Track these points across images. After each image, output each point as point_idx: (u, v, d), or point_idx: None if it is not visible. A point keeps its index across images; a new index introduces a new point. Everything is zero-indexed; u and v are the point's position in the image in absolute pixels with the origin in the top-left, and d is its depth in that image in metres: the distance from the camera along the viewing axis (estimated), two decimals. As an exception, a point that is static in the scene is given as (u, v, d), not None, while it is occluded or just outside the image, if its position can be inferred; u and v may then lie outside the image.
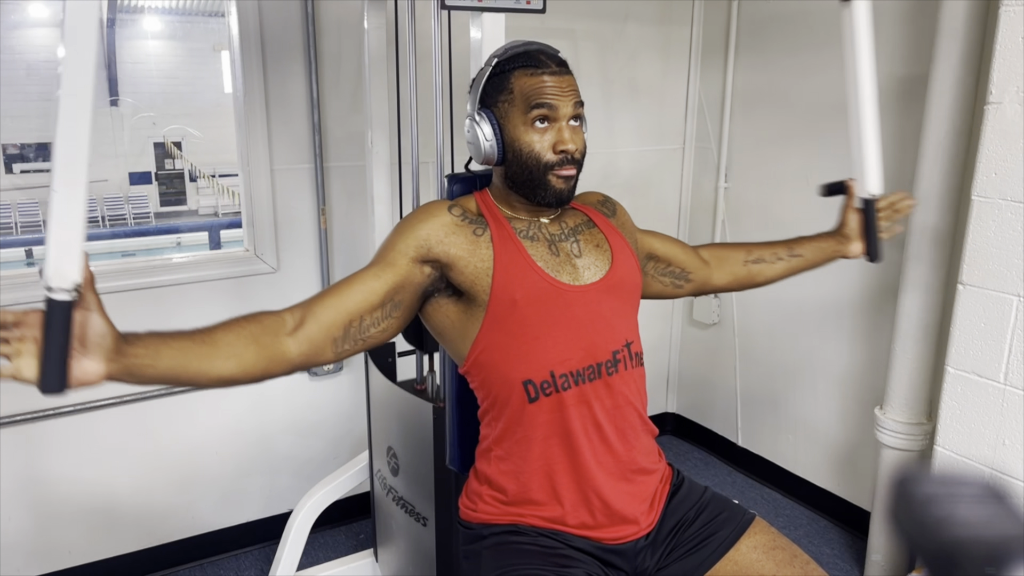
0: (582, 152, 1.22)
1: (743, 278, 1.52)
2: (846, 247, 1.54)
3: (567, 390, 1.18)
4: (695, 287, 1.48)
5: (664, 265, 1.43)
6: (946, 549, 0.43)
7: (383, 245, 1.21)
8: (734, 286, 1.54)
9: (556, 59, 1.22)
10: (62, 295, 0.82)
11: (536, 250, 1.22)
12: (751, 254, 1.51)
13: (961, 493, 0.46)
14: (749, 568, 1.23)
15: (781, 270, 1.53)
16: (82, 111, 0.83)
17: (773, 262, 1.52)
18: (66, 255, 0.83)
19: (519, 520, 1.22)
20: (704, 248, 1.52)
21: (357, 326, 1.13)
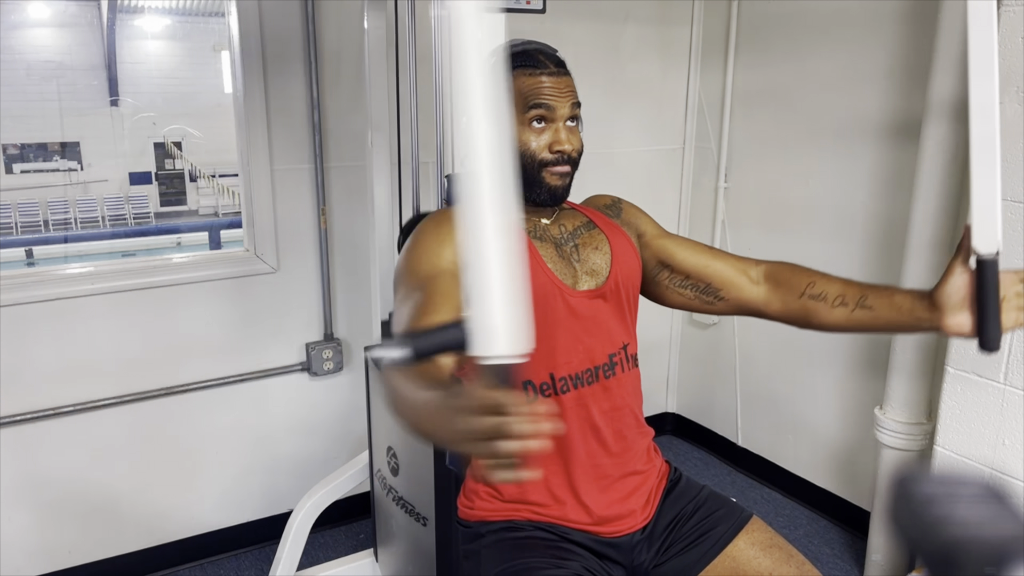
0: (578, 152, 1.22)
1: (796, 312, 1.28)
2: (942, 317, 1.10)
3: (565, 393, 1.19)
4: (732, 307, 1.31)
5: (682, 277, 1.32)
6: (946, 549, 0.43)
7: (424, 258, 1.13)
8: (787, 318, 1.30)
9: (554, 59, 1.22)
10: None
11: (546, 251, 1.22)
12: (814, 286, 1.25)
13: (961, 493, 0.46)
14: (746, 565, 1.23)
15: (839, 319, 1.23)
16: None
17: (833, 305, 1.23)
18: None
19: (516, 515, 1.23)
20: (765, 264, 1.31)
21: None
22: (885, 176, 2.24)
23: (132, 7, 12.88)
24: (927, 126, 1.97)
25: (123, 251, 11.42)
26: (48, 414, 2.03)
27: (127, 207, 12.94)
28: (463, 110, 0.67)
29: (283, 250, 2.26)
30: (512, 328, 0.66)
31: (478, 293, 0.67)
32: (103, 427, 2.11)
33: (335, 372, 2.39)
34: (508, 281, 0.67)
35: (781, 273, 1.28)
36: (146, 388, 2.14)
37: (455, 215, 1.22)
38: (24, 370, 1.98)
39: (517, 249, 0.67)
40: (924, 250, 2.03)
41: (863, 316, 1.20)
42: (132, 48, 13.25)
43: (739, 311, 1.31)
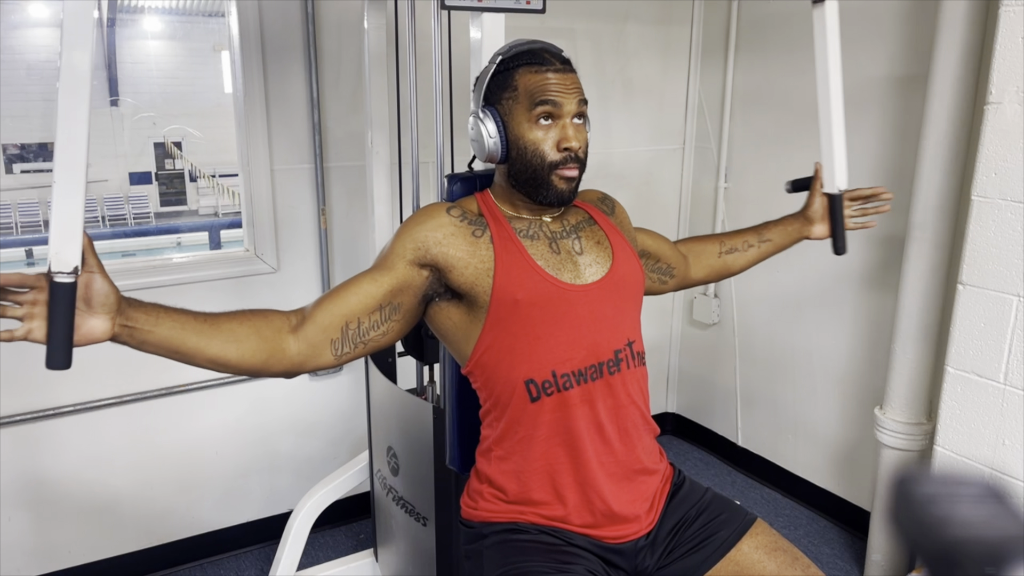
0: (585, 151, 1.22)
1: (719, 269, 1.57)
2: (809, 228, 1.62)
3: (569, 389, 1.18)
4: (677, 282, 1.51)
5: (654, 262, 1.46)
6: (946, 549, 0.43)
7: (383, 250, 1.21)
8: (711, 278, 1.59)
9: (560, 57, 1.22)
10: (64, 278, 0.90)
11: (536, 249, 1.21)
12: (724, 245, 1.56)
13: (961, 493, 0.46)
14: (750, 569, 1.23)
15: (753, 257, 1.59)
16: (80, 107, 0.89)
17: (745, 250, 1.58)
18: (67, 241, 0.90)
19: (520, 518, 1.23)
20: (681, 243, 1.55)
21: (355, 329, 1.14)
22: (885, 176, 2.24)
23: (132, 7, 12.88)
24: (927, 126, 1.97)
25: (123, 251, 11.41)
26: (48, 414, 2.03)
27: (127, 207, 12.93)
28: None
29: (283, 250, 2.26)
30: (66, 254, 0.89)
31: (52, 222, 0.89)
32: (103, 427, 2.11)
33: (335, 373, 2.39)
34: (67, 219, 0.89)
35: (696, 244, 1.56)
36: (146, 388, 2.14)
37: (439, 211, 1.23)
38: (24, 370, 1.98)
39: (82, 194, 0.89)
40: (923, 247, 2.03)
41: (767, 247, 1.60)
42: (132, 48, 13.24)
43: (680, 286, 1.54)
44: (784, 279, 2.59)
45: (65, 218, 0.90)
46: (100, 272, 0.94)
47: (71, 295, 0.90)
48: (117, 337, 0.97)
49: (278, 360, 1.08)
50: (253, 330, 1.06)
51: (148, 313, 0.98)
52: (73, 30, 0.88)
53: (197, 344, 1.01)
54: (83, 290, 0.93)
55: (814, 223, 1.62)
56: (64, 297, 0.90)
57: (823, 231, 1.62)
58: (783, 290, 2.64)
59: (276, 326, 1.09)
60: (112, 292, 0.95)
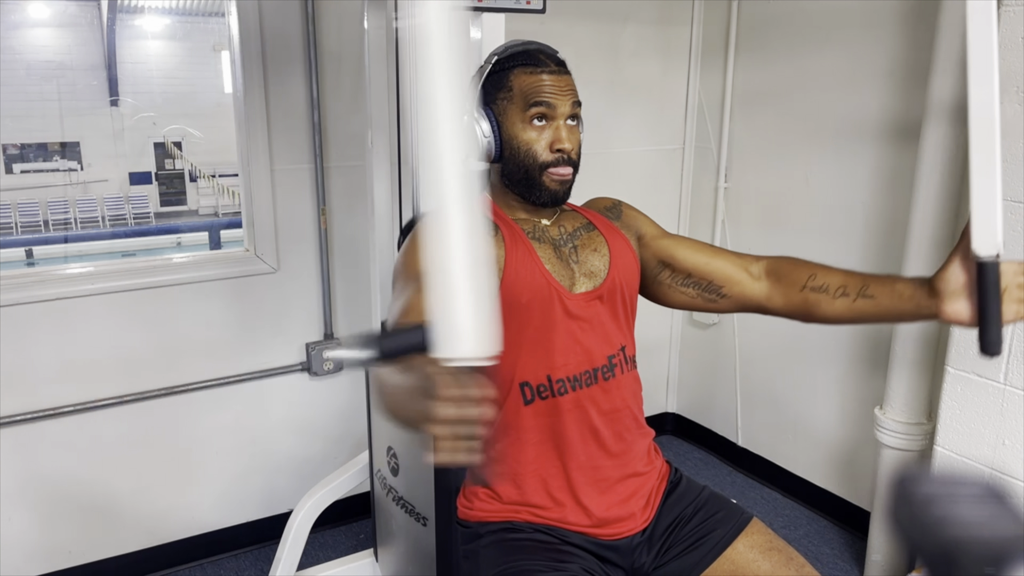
0: (578, 152, 1.22)
1: (798, 306, 1.25)
2: (939, 304, 1.10)
3: (563, 395, 1.19)
4: (735, 304, 1.30)
5: (684, 276, 1.31)
6: (946, 549, 0.43)
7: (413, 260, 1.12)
8: (789, 313, 1.28)
9: (555, 59, 1.23)
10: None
11: (544, 252, 1.22)
12: (815, 278, 1.24)
13: (961, 493, 0.46)
14: (746, 568, 1.23)
15: (841, 310, 1.21)
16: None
17: (835, 296, 1.21)
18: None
19: (515, 517, 1.23)
20: (765, 260, 1.30)
21: None
22: (885, 176, 2.24)
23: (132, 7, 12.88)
24: (927, 126, 1.97)
25: (123, 251, 11.41)
26: (48, 414, 2.03)
27: (127, 207, 12.94)
28: (428, 114, 0.67)
29: (283, 250, 2.26)
30: (477, 331, 0.68)
31: (443, 295, 0.68)
32: (103, 427, 2.11)
33: (335, 372, 2.39)
34: (474, 284, 0.68)
35: (782, 267, 1.27)
36: (146, 388, 2.14)
37: None
38: (24, 370, 1.98)
39: (485, 252, 0.68)
40: (924, 249, 2.03)
41: (865, 305, 1.19)
42: (132, 48, 13.24)
43: (741, 308, 1.30)
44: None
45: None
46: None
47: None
48: None
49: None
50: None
51: None
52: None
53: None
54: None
55: (947, 297, 1.09)
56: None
57: (962, 311, 1.08)
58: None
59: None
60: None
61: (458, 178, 0.68)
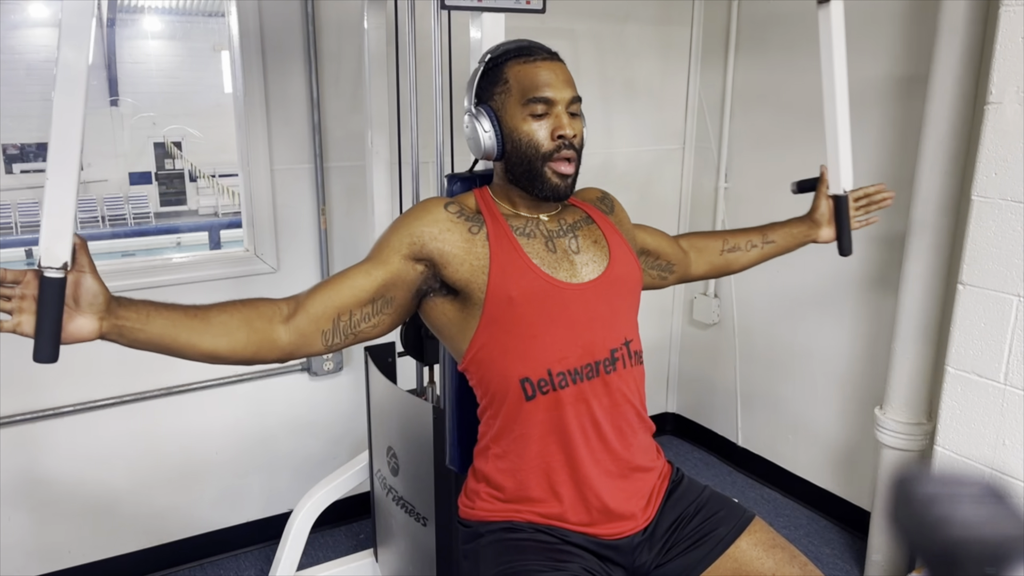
0: (581, 140, 1.22)
1: (720, 266, 1.58)
2: (815, 232, 1.63)
3: (564, 388, 1.18)
4: (677, 278, 1.52)
5: (653, 259, 1.46)
6: (946, 549, 0.43)
7: (378, 241, 1.21)
8: (712, 274, 1.60)
9: (547, 50, 1.24)
10: (53, 273, 0.90)
11: (532, 247, 1.21)
12: (727, 243, 1.57)
13: (961, 493, 0.46)
14: (748, 566, 1.23)
15: (755, 256, 1.60)
16: (75, 105, 0.90)
17: (747, 250, 1.59)
18: (57, 237, 0.90)
19: (516, 516, 1.23)
20: (683, 238, 1.56)
21: (347, 320, 1.14)
22: (885, 176, 2.24)
23: (132, 7, 12.88)
24: (927, 126, 1.97)
25: (123, 251, 11.41)
26: (48, 414, 2.03)
27: (127, 207, 12.93)
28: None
29: (283, 250, 2.26)
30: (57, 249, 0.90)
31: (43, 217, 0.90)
32: (103, 427, 2.11)
33: (335, 372, 2.39)
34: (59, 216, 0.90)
35: (698, 240, 1.57)
36: (146, 388, 2.14)
37: (436, 206, 1.23)
38: (24, 370, 1.98)
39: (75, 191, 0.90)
40: (923, 248, 2.03)
41: (770, 248, 1.61)
42: (132, 48, 13.24)
43: (680, 281, 1.54)
44: (784, 279, 2.59)
45: (56, 214, 0.91)
46: (91, 272, 0.94)
47: (60, 290, 0.91)
48: (106, 336, 0.97)
49: (268, 350, 1.09)
50: (244, 321, 1.06)
51: (139, 311, 0.98)
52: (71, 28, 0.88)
53: (189, 339, 1.02)
54: (72, 289, 0.93)
55: (820, 226, 1.63)
56: (53, 292, 0.91)
57: (829, 234, 1.63)
58: (783, 290, 2.63)
59: (267, 316, 1.09)
60: (101, 292, 0.95)
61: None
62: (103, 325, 0.96)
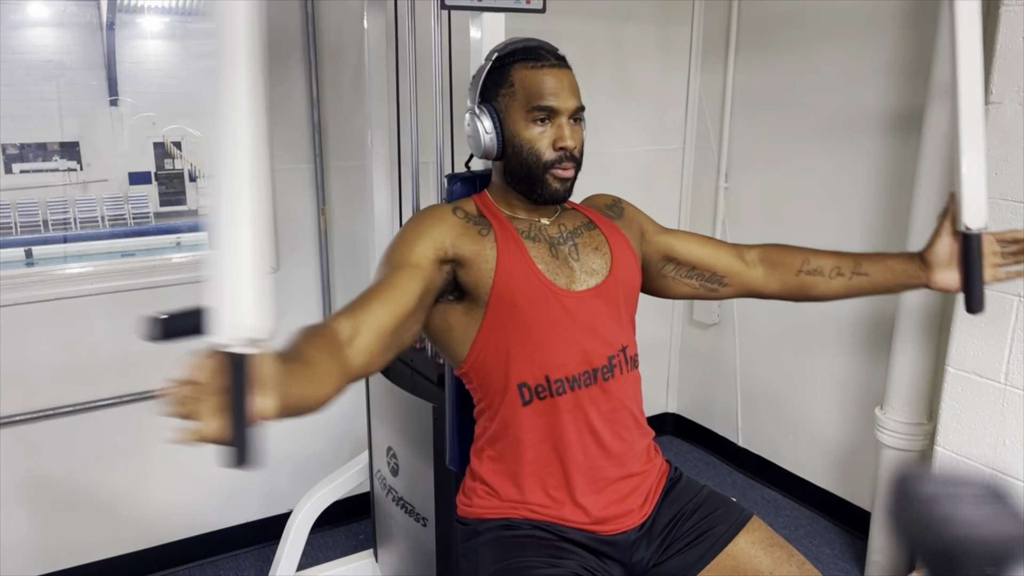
0: (580, 150, 1.22)
1: (795, 289, 1.36)
2: (930, 275, 1.29)
3: (562, 395, 1.18)
4: (735, 291, 1.39)
5: (688, 268, 1.37)
6: (946, 549, 0.43)
7: (398, 249, 1.16)
8: (786, 295, 1.39)
9: (555, 54, 1.23)
10: (244, 347, 0.72)
11: (538, 252, 1.21)
12: (808, 263, 1.35)
13: (961, 493, 0.46)
14: (747, 564, 1.23)
15: (839, 288, 1.34)
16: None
17: (831, 277, 1.34)
18: (247, 302, 0.74)
19: (513, 514, 1.23)
20: (756, 249, 1.40)
21: (400, 332, 1.07)
22: (886, 175, 2.24)
23: (132, 7, 12.90)
24: (928, 126, 1.97)
25: (123, 251, 11.39)
26: (48, 414, 2.03)
27: (127, 207, 12.94)
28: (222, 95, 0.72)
29: (283, 250, 2.26)
30: (247, 318, 0.72)
31: (216, 279, 0.73)
32: (103, 427, 2.11)
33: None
34: (248, 270, 0.76)
35: (775, 254, 1.39)
36: (146, 388, 2.14)
37: (445, 210, 1.23)
38: (24, 370, 1.98)
39: (264, 241, 0.76)
40: (926, 239, 2.02)
41: (860, 282, 1.33)
42: (132, 48, 13.25)
43: (741, 294, 1.39)
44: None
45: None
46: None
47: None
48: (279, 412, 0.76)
49: (347, 380, 0.96)
50: (331, 356, 0.93)
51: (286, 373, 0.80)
52: None
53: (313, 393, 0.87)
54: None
55: (937, 268, 1.29)
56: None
57: (951, 281, 1.28)
58: (783, 290, 2.63)
59: (337, 343, 0.96)
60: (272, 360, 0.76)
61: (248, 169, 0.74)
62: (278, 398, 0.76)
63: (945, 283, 1.29)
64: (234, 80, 0.72)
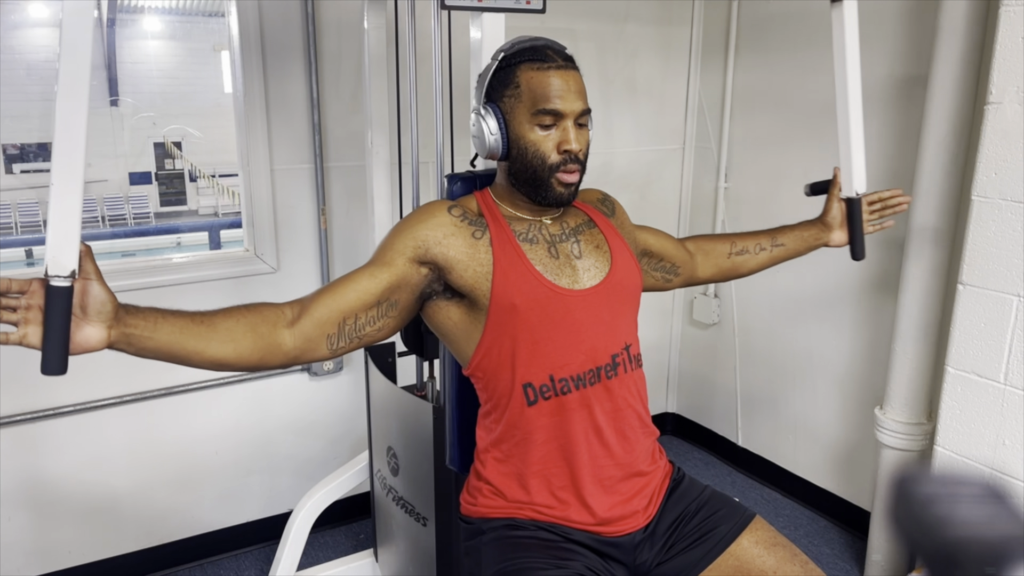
0: (585, 153, 1.22)
1: (727, 270, 1.56)
2: (827, 235, 1.60)
3: (567, 394, 1.18)
4: (683, 280, 1.51)
5: (656, 260, 1.45)
6: (946, 549, 0.43)
7: (382, 244, 1.21)
8: (718, 277, 1.57)
9: (563, 54, 1.21)
10: (60, 281, 0.88)
11: (535, 253, 1.21)
12: (735, 246, 1.54)
13: (961, 493, 0.46)
14: (750, 563, 1.23)
15: (764, 260, 1.57)
16: (78, 109, 0.88)
17: (756, 253, 1.56)
18: (64, 244, 0.88)
19: (518, 514, 1.23)
20: (689, 240, 1.54)
21: (352, 324, 1.14)
22: (885, 174, 2.24)
23: (132, 7, 12.87)
24: (927, 126, 1.97)
25: (123, 251, 11.40)
26: (48, 414, 2.03)
27: (127, 207, 12.92)
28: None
29: (283, 250, 2.26)
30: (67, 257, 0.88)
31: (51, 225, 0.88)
32: (103, 427, 2.11)
33: (335, 372, 2.39)
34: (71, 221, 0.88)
35: (706, 244, 1.54)
36: (146, 388, 2.14)
37: (440, 209, 1.22)
38: (24, 370, 1.98)
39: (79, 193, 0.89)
40: (923, 248, 2.03)
41: (779, 252, 1.58)
42: (132, 48, 13.23)
43: (686, 283, 1.53)
44: (784, 279, 2.59)
45: (62, 221, 0.89)
46: (98, 279, 0.92)
47: (67, 299, 0.89)
48: (114, 345, 0.95)
49: (273, 356, 1.08)
50: (249, 327, 1.05)
51: (146, 319, 0.97)
52: (72, 31, 0.87)
53: (196, 347, 1.01)
54: (79, 297, 0.91)
55: (832, 229, 1.61)
56: (60, 301, 0.88)
57: (842, 238, 1.61)
58: (783, 290, 2.63)
59: (272, 321, 1.08)
60: (109, 300, 0.93)
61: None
62: (111, 334, 0.94)
63: (838, 240, 1.60)
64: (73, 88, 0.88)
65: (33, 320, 0.89)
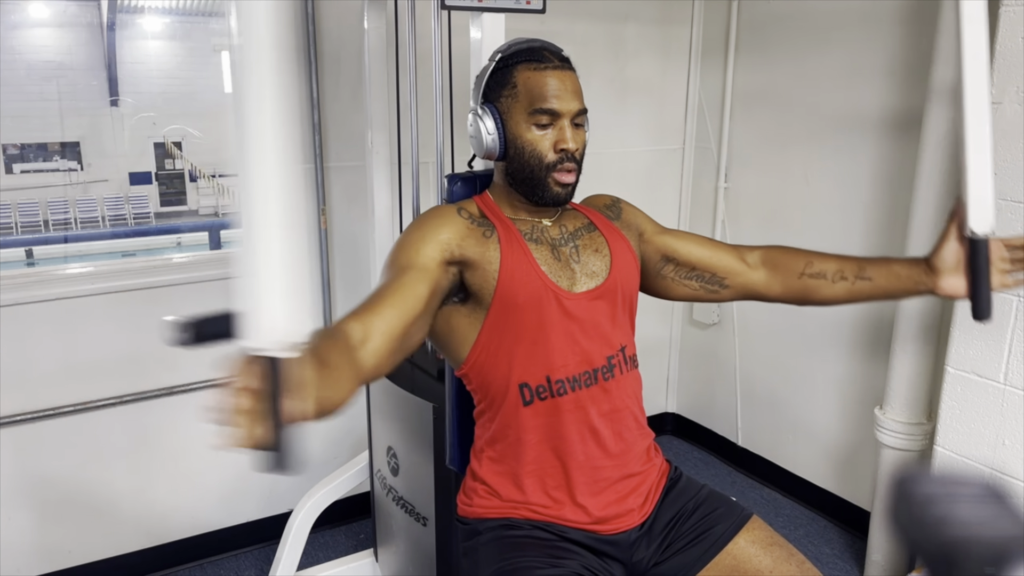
0: (582, 152, 1.22)
1: (797, 292, 1.33)
2: (934, 280, 1.24)
3: (563, 395, 1.19)
4: (736, 293, 1.36)
5: (688, 269, 1.35)
6: (946, 549, 0.43)
7: (404, 251, 1.15)
8: (790, 299, 1.35)
9: (559, 55, 1.23)
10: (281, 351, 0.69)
11: (540, 253, 1.22)
12: (811, 266, 1.32)
13: (961, 493, 0.46)
14: (747, 563, 1.23)
15: (841, 292, 1.30)
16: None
17: (834, 281, 1.30)
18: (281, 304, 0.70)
19: (514, 514, 1.23)
20: (759, 250, 1.37)
21: (408, 335, 1.06)
22: (885, 175, 2.24)
23: (132, 7, 12.86)
24: (927, 126, 1.97)
25: (123, 251, 11.39)
26: (48, 414, 2.03)
27: (127, 207, 12.91)
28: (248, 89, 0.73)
29: (283, 250, 2.25)
30: (282, 322, 0.70)
31: (248, 280, 0.71)
32: (103, 427, 2.11)
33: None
34: (280, 271, 0.71)
35: (777, 256, 1.35)
36: (146, 388, 2.14)
37: (450, 211, 1.23)
38: (24, 370, 1.98)
39: (301, 242, 0.71)
40: (923, 247, 2.02)
41: (864, 287, 1.28)
42: (132, 48, 13.22)
43: (742, 296, 1.37)
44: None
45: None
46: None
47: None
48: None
49: (359, 382, 0.93)
50: (346, 358, 0.90)
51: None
52: None
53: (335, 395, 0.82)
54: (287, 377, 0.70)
55: (943, 274, 1.23)
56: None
57: (957, 286, 1.22)
58: (783, 290, 2.63)
59: (351, 346, 0.94)
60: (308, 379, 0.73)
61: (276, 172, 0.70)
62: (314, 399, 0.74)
63: (952, 289, 1.23)
64: (260, 75, 0.74)
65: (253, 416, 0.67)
